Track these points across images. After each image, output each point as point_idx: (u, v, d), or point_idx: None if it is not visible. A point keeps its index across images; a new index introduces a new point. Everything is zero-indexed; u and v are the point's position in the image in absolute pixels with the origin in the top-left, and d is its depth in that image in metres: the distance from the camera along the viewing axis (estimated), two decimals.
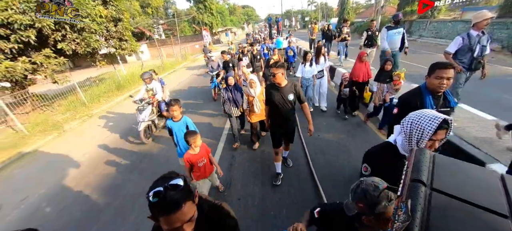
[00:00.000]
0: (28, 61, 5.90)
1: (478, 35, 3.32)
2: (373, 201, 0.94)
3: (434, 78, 1.72)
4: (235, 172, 3.65)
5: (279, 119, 2.79)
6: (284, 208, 2.83)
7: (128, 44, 8.91)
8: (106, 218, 3.11)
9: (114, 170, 4.20)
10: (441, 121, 1.12)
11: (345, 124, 4.74)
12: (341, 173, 3.26)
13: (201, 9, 29.13)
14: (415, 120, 1.21)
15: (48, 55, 6.33)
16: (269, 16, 22.12)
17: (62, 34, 6.29)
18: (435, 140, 1.18)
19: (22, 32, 5.34)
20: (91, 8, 6.69)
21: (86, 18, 6.49)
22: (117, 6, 8.01)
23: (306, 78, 4.90)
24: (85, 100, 8.26)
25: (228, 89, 3.86)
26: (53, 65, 6.49)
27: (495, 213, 0.55)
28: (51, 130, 6.50)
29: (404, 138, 1.27)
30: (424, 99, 1.84)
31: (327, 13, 43.09)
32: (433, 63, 1.80)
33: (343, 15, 27.37)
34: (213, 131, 5.07)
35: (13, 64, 5.55)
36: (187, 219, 0.83)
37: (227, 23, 41.39)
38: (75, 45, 6.64)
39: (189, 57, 20.72)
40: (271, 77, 2.56)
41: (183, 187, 0.85)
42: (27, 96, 7.27)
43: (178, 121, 2.94)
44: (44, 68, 6.38)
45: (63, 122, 7.02)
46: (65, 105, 8.03)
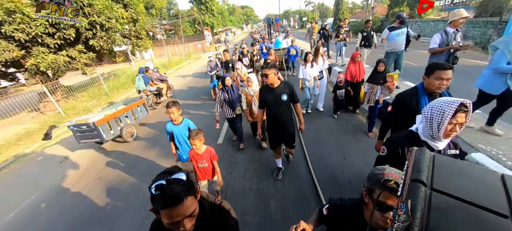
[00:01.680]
0: (66, 55, 7.13)
1: (454, 32, 3.55)
2: (375, 179, 0.96)
3: (433, 79, 1.71)
4: (234, 171, 3.65)
5: (275, 121, 2.71)
6: (283, 207, 2.83)
7: (143, 41, 10.15)
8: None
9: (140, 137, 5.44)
10: (459, 104, 1.18)
11: (343, 124, 4.73)
12: (340, 173, 3.25)
13: (203, 10, 30.59)
14: (436, 104, 1.27)
15: (81, 50, 7.57)
16: (267, 16, 23.12)
17: (93, 32, 7.52)
18: (455, 123, 1.22)
19: (65, 31, 6.56)
20: (115, 11, 7.92)
21: (112, 19, 7.71)
22: (135, 8, 9.25)
23: (308, 79, 4.80)
24: (107, 91, 9.49)
25: (225, 90, 3.75)
26: (84, 59, 7.72)
27: (495, 213, 0.54)
28: (82, 113, 7.75)
29: (426, 124, 1.32)
30: (419, 99, 1.83)
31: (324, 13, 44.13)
32: (431, 64, 1.78)
33: (338, 15, 28.64)
34: (212, 130, 4.79)
35: (56, 57, 6.78)
36: (188, 214, 0.83)
37: (227, 23, 42.71)
38: (102, 42, 7.87)
39: (192, 55, 21.94)
40: (263, 78, 2.51)
41: (186, 182, 0.85)
42: (58, 86, 8.50)
43: (179, 124, 2.79)
44: (77, 61, 7.61)
45: (91, 107, 8.28)
46: (88, 95, 9.29)
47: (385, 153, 1.55)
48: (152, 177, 0.86)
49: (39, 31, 6.01)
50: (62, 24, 6.35)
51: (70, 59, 7.34)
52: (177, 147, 2.92)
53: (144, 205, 3.15)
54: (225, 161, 3.90)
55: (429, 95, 1.80)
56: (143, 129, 5.85)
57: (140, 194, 3.41)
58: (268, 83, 2.53)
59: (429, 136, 1.35)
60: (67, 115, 7.44)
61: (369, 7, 18.50)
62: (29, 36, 6.01)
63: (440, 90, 1.73)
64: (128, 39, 9.45)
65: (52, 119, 7.21)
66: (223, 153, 4.14)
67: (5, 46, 5.77)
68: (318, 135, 4.35)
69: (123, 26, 8.35)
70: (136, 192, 3.47)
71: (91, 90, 9.66)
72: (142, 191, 3.46)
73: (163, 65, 15.45)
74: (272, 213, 2.76)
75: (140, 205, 3.18)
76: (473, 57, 10.39)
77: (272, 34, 16.34)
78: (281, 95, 2.55)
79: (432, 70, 1.72)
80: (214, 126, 4.00)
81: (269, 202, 2.91)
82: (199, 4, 30.53)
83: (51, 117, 7.39)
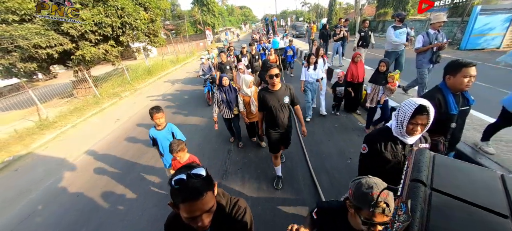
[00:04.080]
0: (103, 48, 8.90)
1: (435, 33, 3.96)
2: (364, 198, 0.91)
3: (461, 77, 1.69)
4: (233, 171, 3.66)
5: (276, 124, 2.68)
6: (283, 206, 2.83)
7: (158, 39, 11.94)
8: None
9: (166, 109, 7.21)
10: (417, 106, 1.25)
11: (342, 124, 4.75)
12: (340, 174, 3.27)
13: (205, 11, 32.56)
14: (403, 104, 1.36)
15: (112, 45, 9.33)
16: (265, 17, 24.38)
17: (122, 30, 9.29)
18: (415, 124, 1.30)
19: (104, 28, 8.33)
20: (139, 13, 9.70)
21: (137, 20, 9.49)
22: (154, 10, 11.04)
23: (310, 82, 4.70)
24: (129, 79, 11.28)
25: (222, 90, 3.72)
26: (115, 52, 9.48)
27: (495, 213, 0.54)
28: (113, 97, 9.53)
29: (395, 121, 1.43)
30: (446, 97, 1.81)
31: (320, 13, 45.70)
32: (453, 62, 1.77)
33: (331, 16, 30.53)
34: (206, 136, 4.93)
35: (96, 50, 8.54)
36: (207, 209, 0.84)
37: (227, 23, 44.56)
38: (129, 38, 9.65)
39: (195, 53, 23.75)
40: (270, 79, 2.47)
41: (205, 177, 0.87)
42: (90, 76, 10.26)
43: (162, 129, 2.73)
44: (109, 53, 9.37)
45: (119, 92, 10.06)
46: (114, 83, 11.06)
47: (366, 151, 1.60)
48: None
49: (87, 29, 7.77)
50: (104, 22, 8.12)
51: (105, 52, 9.10)
52: (161, 153, 2.87)
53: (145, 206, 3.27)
54: (222, 162, 3.95)
55: (453, 93, 1.80)
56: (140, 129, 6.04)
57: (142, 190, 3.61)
58: (270, 85, 2.54)
59: (399, 132, 1.42)
60: (102, 97, 9.21)
61: (357, 8, 20.35)
62: (79, 32, 7.76)
63: (468, 87, 1.71)
64: (147, 36, 11.23)
65: (91, 100, 8.96)
66: (221, 154, 4.18)
67: (62, 40, 7.52)
68: (318, 135, 4.38)
69: (145, 25, 10.12)
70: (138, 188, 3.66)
71: (114, 80, 11.45)
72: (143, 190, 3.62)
73: (171, 62, 17.24)
74: (272, 213, 2.77)
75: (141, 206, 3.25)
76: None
77: (269, 34, 16.81)
78: (283, 98, 2.56)
79: (458, 68, 1.71)
80: (208, 131, 4.15)
81: (269, 204, 2.90)
82: (202, 5, 32.53)
83: (90, 99, 9.14)
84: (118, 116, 7.33)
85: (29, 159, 5.24)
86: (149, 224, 2.94)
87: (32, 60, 7.68)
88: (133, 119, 6.90)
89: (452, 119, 1.85)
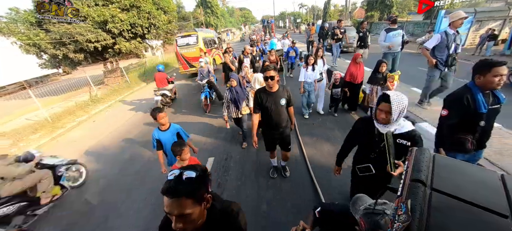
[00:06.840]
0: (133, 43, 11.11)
1: (454, 33, 3.55)
2: (377, 224, 0.89)
3: (492, 76, 1.73)
4: (229, 173, 3.71)
5: (272, 124, 2.74)
6: (282, 207, 2.88)
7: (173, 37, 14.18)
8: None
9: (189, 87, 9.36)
10: (381, 95, 1.50)
11: (340, 124, 4.78)
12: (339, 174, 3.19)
13: (208, 13, 35.12)
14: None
15: (139, 41, 11.54)
16: (263, 18, 26.27)
17: (148, 30, 11.50)
18: (380, 110, 1.52)
19: (136, 28, 10.55)
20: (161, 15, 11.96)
21: (160, 21, 11.72)
22: (171, 13, 13.29)
23: (309, 82, 4.74)
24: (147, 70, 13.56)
25: (231, 90, 3.84)
26: (142, 47, 11.70)
27: (495, 213, 0.54)
28: (140, 82, 11.74)
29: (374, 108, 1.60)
30: (475, 96, 1.84)
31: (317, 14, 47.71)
32: (483, 62, 1.81)
33: (326, 18, 32.79)
34: (204, 143, 4.81)
35: (129, 44, 10.75)
36: (180, 213, 0.85)
37: (227, 24, 46.98)
38: (152, 36, 11.88)
39: None
40: (265, 80, 2.50)
41: (193, 184, 0.87)
42: (118, 67, 12.46)
43: (167, 130, 2.67)
44: (135, 47, 11.58)
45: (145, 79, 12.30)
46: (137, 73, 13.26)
47: (350, 131, 1.94)
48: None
49: (124, 28, 9.96)
50: (137, 23, 10.34)
51: (135, 46, 11.31)
52: (165, 155, 2.80)
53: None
54: (224, 159, 4.12)
55: (483, 92, 1.84)
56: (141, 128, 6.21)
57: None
58: (268, 86, 2.55)
59: (374, 118, 1.61)
60: (132, 83, 11.43)
61: (347, 11, 22.58)
62: (118, 31, 9.96)
63: (499, 85, 1.75)
64: (166, 34, 13.47)
65: (122, 85, 11.15)
66: (222, 153, 4.32)
67: (105, 36, 9.72)
68: (318, 135, 4.44)
69: (165, 26, 12.34)
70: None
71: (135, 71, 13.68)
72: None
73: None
74: (272, 214, 2.79)
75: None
76: (415, 48, 14.44)
77: (265, 36, 17.77)
78: (280, 100, 2.59)
79: (488, 68, 1.75)
80: (208, 138, 4.39)
81: (269, 203, 2.94)
82: (206, 7, 35.10)
83: (120, 85, 11.32)
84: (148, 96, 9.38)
85: (94, 118, 7.49)
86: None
87: (81, 52, 9.86)
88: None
89: (481, 117, 1.88)
